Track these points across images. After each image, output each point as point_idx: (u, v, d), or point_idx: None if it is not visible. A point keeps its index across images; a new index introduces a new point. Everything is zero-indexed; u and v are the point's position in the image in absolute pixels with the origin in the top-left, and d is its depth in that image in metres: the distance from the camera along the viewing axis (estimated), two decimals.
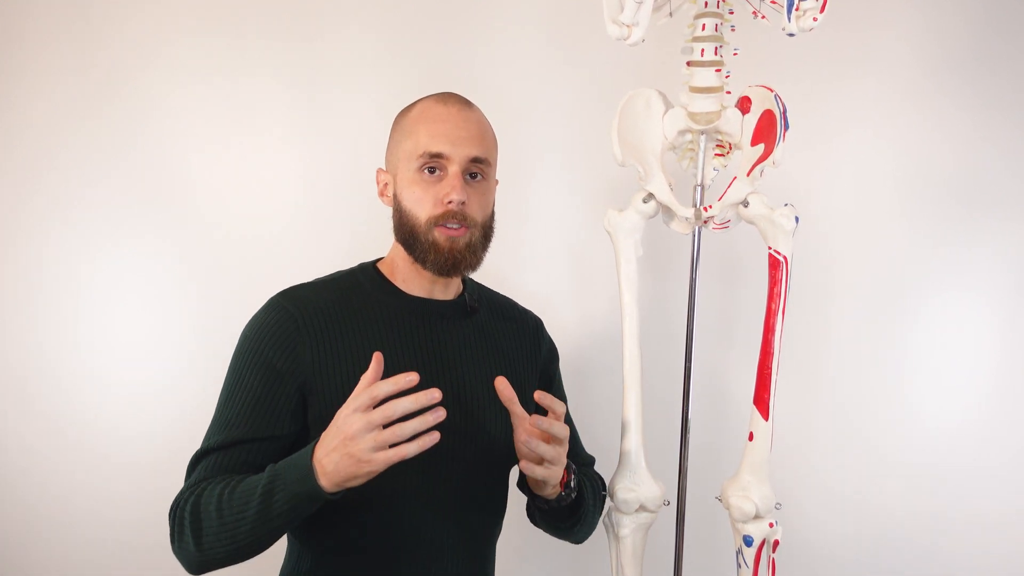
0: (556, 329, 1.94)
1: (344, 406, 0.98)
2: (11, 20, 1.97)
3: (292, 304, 1.17)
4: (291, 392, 1.13)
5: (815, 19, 1.21)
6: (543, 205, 1.93)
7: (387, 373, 1.12)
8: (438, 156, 1.15)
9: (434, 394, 0.96)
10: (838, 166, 1.84)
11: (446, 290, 1.26)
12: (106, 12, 1.95)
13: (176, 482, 1.17)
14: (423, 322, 1.22)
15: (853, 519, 1.89)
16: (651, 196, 1.38)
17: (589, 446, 1.51)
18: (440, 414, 0.95)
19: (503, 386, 1.10)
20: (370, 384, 0.98)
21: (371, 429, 0.94)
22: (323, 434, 0.99)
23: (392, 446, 0.95)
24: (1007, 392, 1.84)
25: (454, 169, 1.16)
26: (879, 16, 1.80)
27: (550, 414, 1.09)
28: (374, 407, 0.96)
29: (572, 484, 1.21)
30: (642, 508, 1.38)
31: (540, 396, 1.09)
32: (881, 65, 1.81)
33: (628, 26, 1.24)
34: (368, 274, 1.25)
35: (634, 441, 1.38)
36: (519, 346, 1.35)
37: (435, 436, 0.95)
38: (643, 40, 1.25)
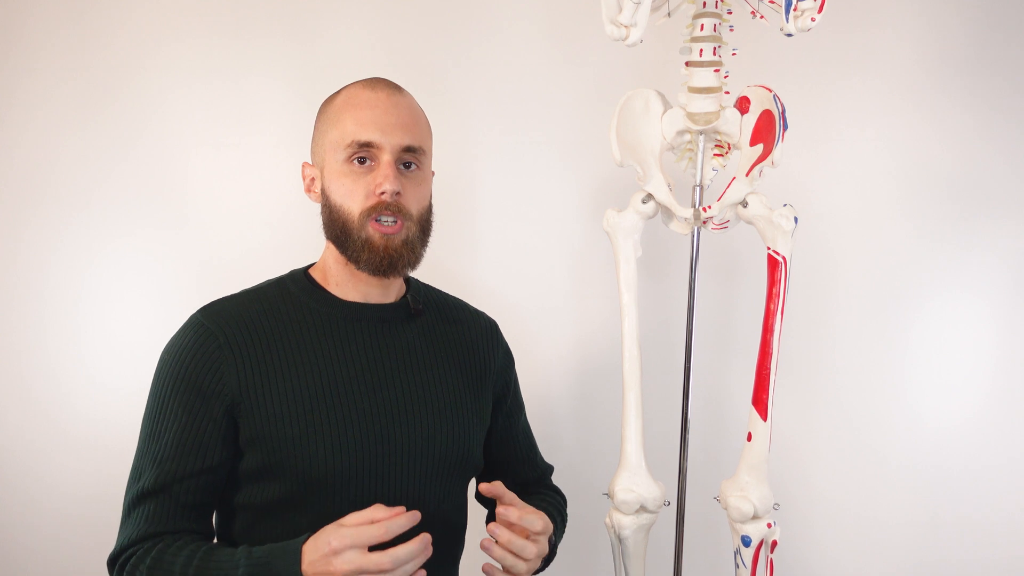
0: (556, 329, 1.95)
1: (343, 534, 0.92)
2: (11, 20, 1.97)
3: (212, 321, 1.07)
4: (218, 416, 1.04)
5: (813, 19, 1.21)
6: (542, 205, 1.93)
7: (325, 385, 1.08)
8: (367, 145, 1.06)
9: (425, 539, 0.94)
10: (837, 166, 1.84)
11: (385, 292, 1.15)
12: (106, 12, 1.95)
13: None
14: (361, 328, 1.12)
15: (851, 520, 1.89)
16: (650, 196, 1.38)
17: (589, 446, 1.51)
18: (422, 553, 0.94)
19: (494, 489, 1.05)
20: (374, 522, 0.94)
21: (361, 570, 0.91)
22: (310, 546, 0.94)
23: None
24: (1006, 392, 1.84)
25: (386, 158, 1.06)
26: (878, 16, 1.80)
27: (508, 509, 1.04)
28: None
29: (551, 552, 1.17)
30: (642, 509, 1.38)
31: (486, 488, 1.04)
32: (880, 65, 1.81)
33: (626, 27, 1.24)
34: (298, 281, 1.15)
35: (634, 441, 1.38)
36: (471, 350, 1.25)
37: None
38: (641, 40, 1.25)
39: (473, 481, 1.28)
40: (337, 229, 1.09)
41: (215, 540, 1.13)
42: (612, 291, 1.44)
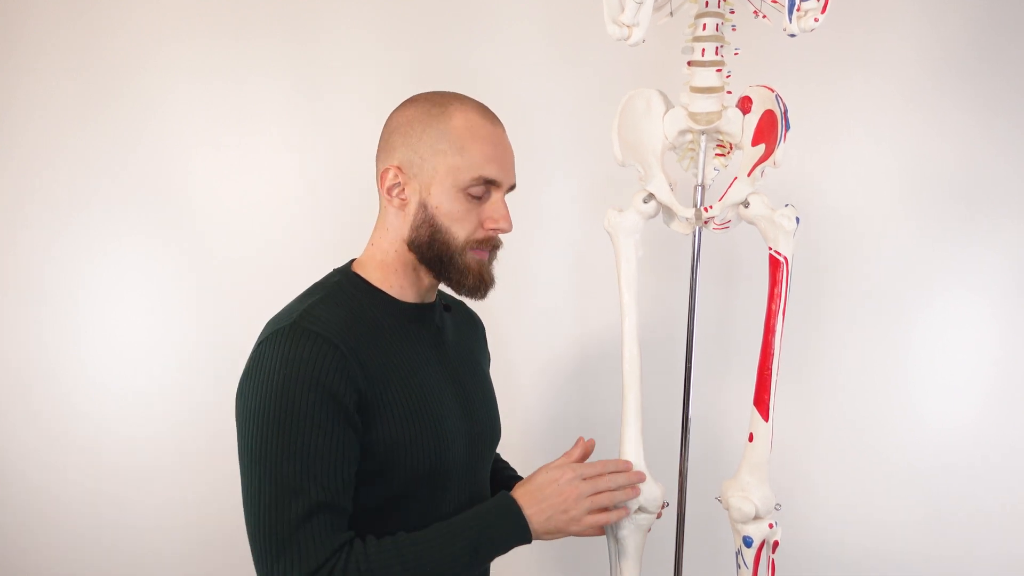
0: (556, 329, 1.95)
1: (564, 470, 1.11)
2: (11, 20, 1.96)
3: (323, 329, 1.04)
4: (355, 420, 1.03)
5: (816, 19, 1.20)
6: (543, 205, 1.93)
7: (419, 384, 1.13)
8: (491, 182, 1.12)
9: (640, 476, 1.17)
10: (839, 166, 1.84)
11: (431, 292, 1.22)
12: (106, 12, 1.95)
13: (176, 482, 1.16)
14: (422, 328, 1.19)
15: (853, 520, 1.89)
16: (651, 196, 1.37)
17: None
18: (637, 492, 1.20)
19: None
20: (580, 458, 1.16)
21: (590, 495, 1.09)
22: (527, 490, 1.10)
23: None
24: (1008, 392, 1.83)
25: (499, 196, 1.14)
26: (880, 16, 1.80)
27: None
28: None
29: None
30: (642, 509, 1.38)
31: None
32: (882, 65, 1.81)
33: (628, 26, 1.23)
34: (358, 284, 1.15)
35: (633, 441, 1.38)
36: (480, 342, 1.38)
37: (629, 510, 1.18)
38: (644, 40, 1.25)
39: None
40: (436, 250, 1.12)
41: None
42: (613, 291, 1.43)
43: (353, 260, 1.21)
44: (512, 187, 1.17)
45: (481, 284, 1.14)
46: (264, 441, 0.99)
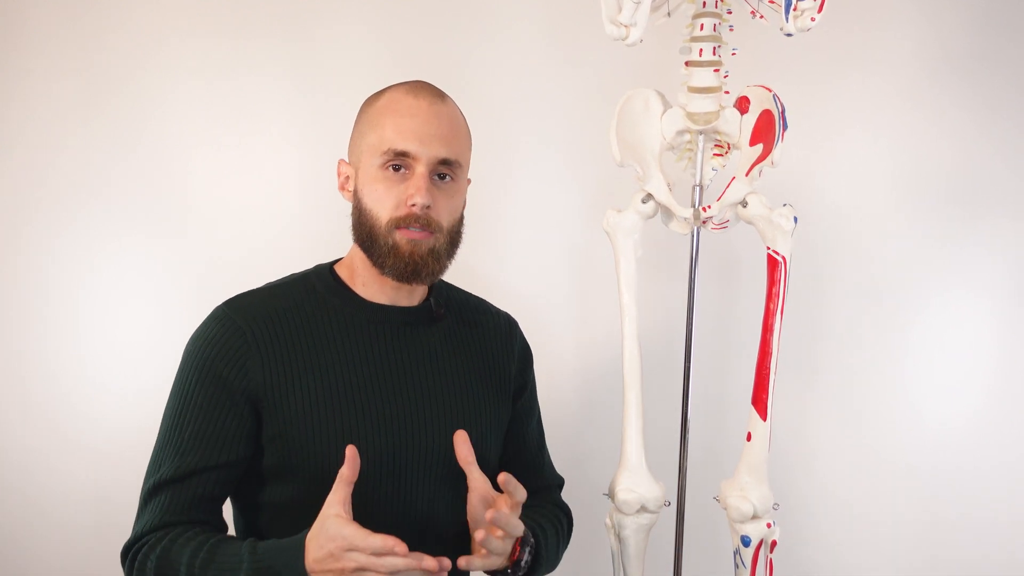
0: (555, 329, 1.95)
1: (348, 535, 0.90)
2: (11, 20, 1.97)
3: (238, 315, 1.08)
4: (243, 411, 1.05)
5: (813, 19, 1.21)
6: (542, 205, 1.93)
7: (345, 387, 1.08)
8: (404, 154, 1.05)
9: (444, 562, 0.93)
10: (837, 166, 1.84)
11: (410, 296, 1.16)
12: (106, 12, 1.95)
13: None
14: (384, 332, 1.13)
15: (851, 519, 1.89)
16: (650, 196, 1.38)
17: (589, 446, 1.50)
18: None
19: (460, 443, 1.04)
20: (347, 482, 0.94)
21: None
22: (312, 540, 0.93)
23: None
24: (1007, 391, 1.84)
25: (420, 170, 1.06)
26: (877, 15, 1.80)
27: (507, 500, 1.01)
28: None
29: (524, 560, 1.08)
30: (643, 509, 1.38)
31: (504, 479, 0.99)
32: (880, 64, 1.81)
33: (626, 26, 1.24)
34: (324, 278, 1.15)
35: (634, 441, 1.38)
36: (491, 351, 1.24)
37: None
38: (641, 40, 1.25)
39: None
40: (364, 233, 1.09)
41: (228, 533, 1.13)
42: (612, 291, 1.44)
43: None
44: (445, 162, 1.08)
45: (407, 266, 1.06)
46: (166, 403, 1.10)
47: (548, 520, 1.24)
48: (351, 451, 0.96)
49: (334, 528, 0.91)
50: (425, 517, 1.12)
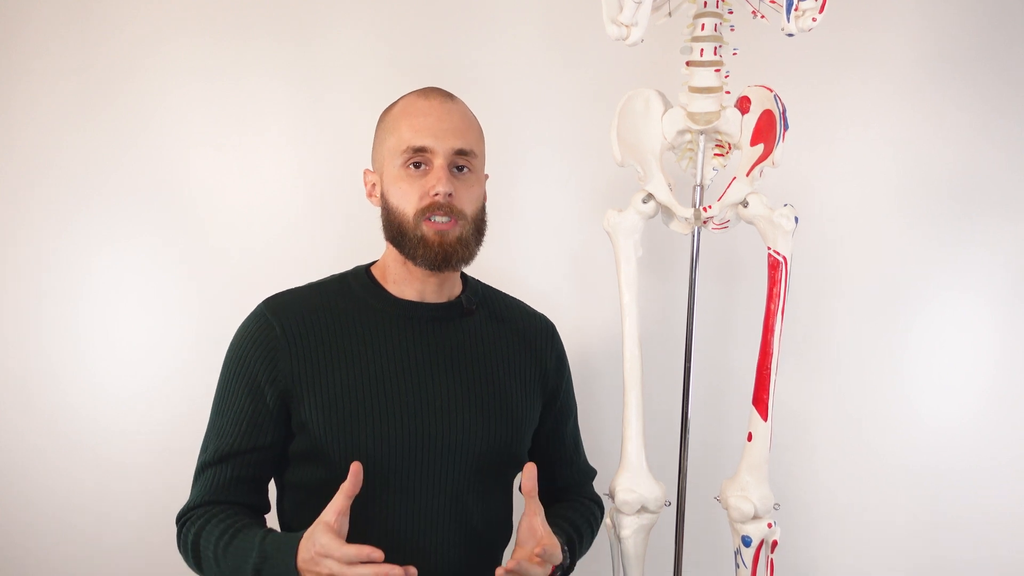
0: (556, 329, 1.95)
1: (325, 543, 0.97)
2: (11, 20, 1.97)
3: (272, 312, 1.18)
4: (272, 404, 1.15)
5: (814, 19, 1.21)
6: (542, 205, 1.93)
7: (373, 377, 1.15)
8: (422, 150, 1.14)
9: (411, 571, 0.97)
10: (838, 166, 1.84)
11: (439, 292, 1.22)
12: (106, 12, 1.94)
13: (175, 482, 1.17)
14: (413, 326, 1.20)
15: (852, 519, 1.89)
16: (650, 196, 1.38)
17: (589, 446, 1.50)
18: None
19: (528, 474, 1.08)
20: (347, 495, 1.00)
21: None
22: (303, 541, 1.01)
23: None
24: (1007, 391, 1.83)
25: (439, 162, 1.14)
26: (879, 16, 1.80)
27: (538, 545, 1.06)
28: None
29: None
30: (643, 509, 1.38)
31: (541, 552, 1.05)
32: (881, 65, 1.81)
33: (627, 26, 1.24)
34: (359, 278, 1.24)
35: (635, 441, 1.38)
36: (523, 349, 1.29)
37: None
38: (642, 40, 1.25)
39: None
40: (395, 230, 1.16)
41: (268, 512, 1.24)
42: (612, 291, 1.44)
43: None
44: (461, 152, 1.15)
45: (437, 254, 1.13)
46: (215, 390, 1.22)
47: (583, 518, 1.35)
48: (355, 467, 1.02)
49: (317, 535, 0.99)
50: (453, 506, 1.18)
